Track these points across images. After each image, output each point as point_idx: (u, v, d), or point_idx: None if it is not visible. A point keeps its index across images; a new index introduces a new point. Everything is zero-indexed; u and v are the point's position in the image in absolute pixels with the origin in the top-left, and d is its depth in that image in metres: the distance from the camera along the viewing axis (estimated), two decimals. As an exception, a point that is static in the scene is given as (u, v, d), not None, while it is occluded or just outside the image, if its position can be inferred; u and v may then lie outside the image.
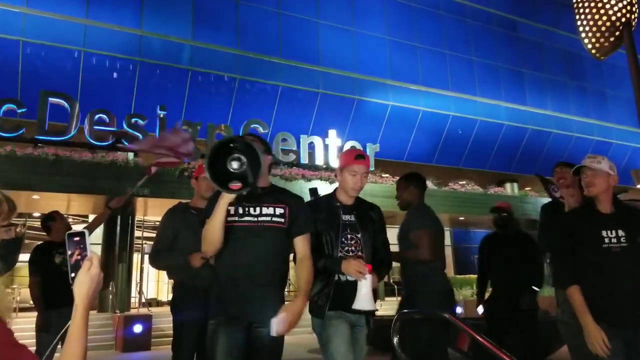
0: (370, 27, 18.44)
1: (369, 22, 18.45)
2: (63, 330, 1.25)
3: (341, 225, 2.54)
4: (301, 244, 2.29)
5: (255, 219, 2.22)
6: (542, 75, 21.99)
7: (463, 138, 19.44)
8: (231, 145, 2.02)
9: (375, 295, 2.43)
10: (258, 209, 2.24)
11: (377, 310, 2.44)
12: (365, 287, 2.28)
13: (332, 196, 2.66)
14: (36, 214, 16.77)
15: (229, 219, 2.16)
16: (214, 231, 2.11)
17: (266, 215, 2.23)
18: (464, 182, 18.01)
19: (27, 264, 4.19)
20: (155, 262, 3.30)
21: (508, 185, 19.89)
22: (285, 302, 2.25)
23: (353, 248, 2.50)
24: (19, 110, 11.17)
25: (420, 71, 18.96)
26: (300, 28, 17.09)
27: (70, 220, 18.32)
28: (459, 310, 10.05)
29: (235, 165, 2.01)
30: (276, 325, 2.08)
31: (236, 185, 2.01)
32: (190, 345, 3.04)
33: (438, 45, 19.74)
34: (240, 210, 2.21)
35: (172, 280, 3.37)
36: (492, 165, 20.13)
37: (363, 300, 2.29)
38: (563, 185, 3.19)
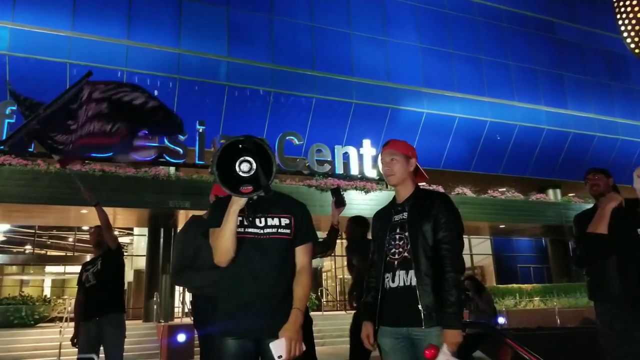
0: (402, 35, 18.43)
1: (401, 31, 18.45)
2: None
3: (390, 226, 2.40)
4: (300, 254, 2.16)
5: (261, 230, 2.11)
6: (583, 78, 21.30)
7: (502, 144, 19.04)
8: (240, 146, 1.87)
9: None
10: (263, 220, 2.13)
11: None
12: None
13: (392, 199, 2.54)
14: (85, 227, 17.53)
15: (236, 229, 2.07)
16: (226, 240, 2.00)
17: (272, 226, 2.12)
18: (504, 189, 17.63)
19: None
20: (181, 281, 3.20)
21: (551, 192, 19.33)
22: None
23: (400, 249, 2.32)
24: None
25: (455, 78, 18.75)
26: (332, 40, 17.27)
27: (116, 233, 19.09)
28: (501, 320, 9.80)
29: (245, 167, 1.87)
30: (275, 350, 1.93)
31: (247, 188, 1.87)
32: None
33: (473, 50, 19.49)
34: (245, 222, 2.09)
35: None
36: (533, 171, 19.59)
37: None
38: (595, 193, 3.12)
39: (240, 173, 1.87)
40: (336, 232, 3.76)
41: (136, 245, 17.90)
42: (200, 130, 12.81)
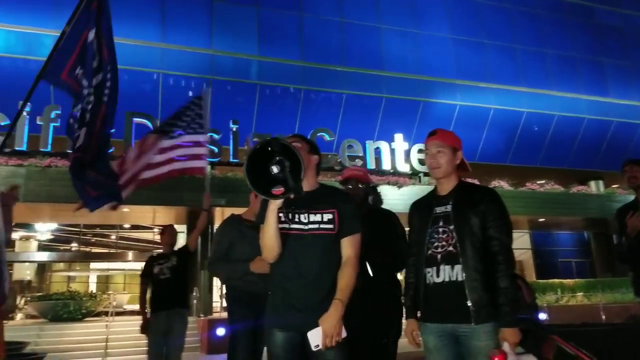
0: (433, 27, 18.17)
1: (431, 23, 18.19)
2: None
3: (432, 219, 2.32)
4: (346, 245, 2.16)
5: (304, 226, 2.14)
6: (625, 63, 20.44)
7: (539, 135, 18.53)
8: (269, 149, 1.90)
9: None
10: (306, 215, 2.16)
11: None
12: None
13: (432, 191, 2.48)
14: (126, 225, 18.13)
15: (280, 225, 2.10)
16: (268, 238, 2.08)
17: (314, 222, 2.15)
18: (543, 182, 17.14)
19: (122, 272, 4.71)
20: (215, 271, 3.46)
21: (592, 183, 18.68)
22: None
23: (444, 243, 2.24)
24: (110, 131, 12.17)
25: (489, 68, 18.36)
26: (362, 35, 17.21)
27: (155, 230, 19.57)
28: (542, 316, 9.58)
29: (275, 169, 1.89)
30: (312, 339, 1.99)
31: (278, 190, 1.90)
32: (247, 351, 3.09)
33: (507, 39, 19.02)
34: (290, 216, 2.14)
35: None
36: (574, 163, 18.97)
37: None
38: (634, 185, 3.03)
39: (272, 174, 1.90)
40: None
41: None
42: (234, 129, 13.03)
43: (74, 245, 19.14)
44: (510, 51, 18.98)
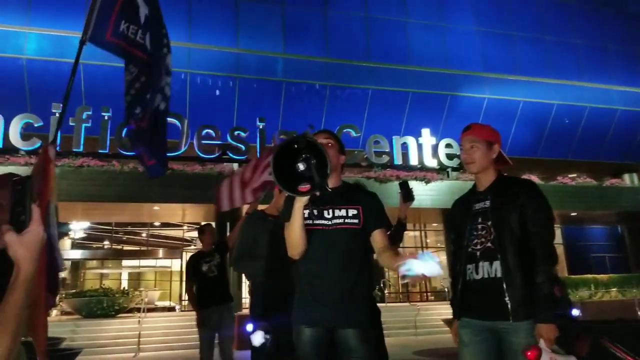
0: (460, 20, 17.89)
1: (458, 16, 17.92)
2: None
3: (470, 216, 2.28)
4: (378, 237, 2.18)
5: (329, 222, 2.16)
6: (660, 52, 19.72)
7: (570, 127, 18.06)
8: (295, 146, 1.91)
9: None
10: (331, 211, 2.17)
11: None
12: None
13: (472, 187, 2.43)
14: (157, 223, 18.49)
15: (304, 222, 2.11)
16: (294, 235, 2.08)
17: (339, 217, 2.17)
18: (575, 175, 16.71)
19: (153, 269, 4.85)
20: (239, 268, 3.44)
21: (626, 176, 18.10)
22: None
23: (482, 239, 2.20)
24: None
25: (517, 60, 17.98)
26: (387, 29, 17.08)
27: (185, 227, 19.85)
28: (575, 312, 9.37)
29: (302, 166, 1.90)
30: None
31: (305, 187, 1.90)
32: (272, 348, 3.04)
33: (536, 31, 18.59)
34: (315, 213, 2.16)
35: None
36: (607, 155, 18.43)
37: None
38: None
39: (299, 171, 1.91)
40: (403, 226, 3.63)
41: (204, 240, 18.65)
42: (261, 127, 13.13)
43: (106, 243, 19.64)
44: (539, 42, 18.54)
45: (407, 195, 3.59)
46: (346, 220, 2.16)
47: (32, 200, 1.06)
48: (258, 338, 2.49)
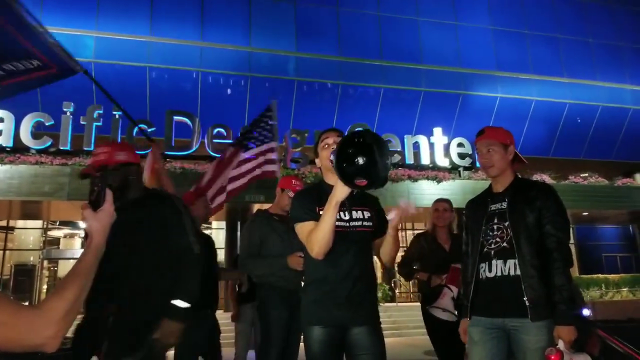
0: (473, 19, 17.81)
1: (471, 14, 17.83)
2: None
3: (486, 216, 2.31)
4: (380, 242, 2.29)
5: (347, 223, 2.15)
6: (674, 52, 19.49)
7: (583, 127, 17.94)
8: (356, 140, 1.88)
9: None
10: (348, 213, 2.17)
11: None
12: None
13: (487, 188, 2.46)
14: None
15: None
16: (326, 233, 2.00)
17: (357, 219, 2.18)
18: (587, 174, 16.61)
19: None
20: (247, 268, 3.39)
21: (638, 176, 17.94)
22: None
23: (498, 239, 2.23)
24: (149, 130, 12.40)
25: (530, 59, 17.88)
26: (399, 28, 17.04)
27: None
28: (586, 312, 9.35)
29: (361, 160, 1.86)
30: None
31: (362, 181, 1.86)
32: (279, 345, 3.07)
33: (549, 29, 18.45)
34: (346, 215, 2.17)
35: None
36: (619, 155, 18.30)
37: None
38: None
39: (356, 166, 1.87)
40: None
41: (215, 239, 18.78)
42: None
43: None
44: (552, 41, 18.42)
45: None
46: (364, 223, 2.19)
47: (108, 186, 1.30)
48: None
